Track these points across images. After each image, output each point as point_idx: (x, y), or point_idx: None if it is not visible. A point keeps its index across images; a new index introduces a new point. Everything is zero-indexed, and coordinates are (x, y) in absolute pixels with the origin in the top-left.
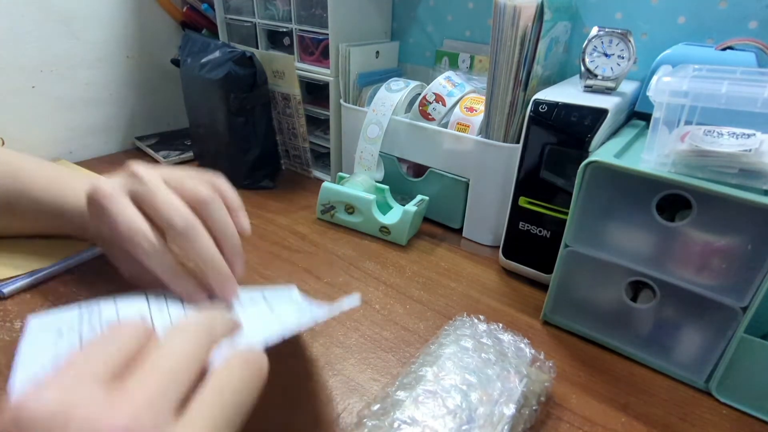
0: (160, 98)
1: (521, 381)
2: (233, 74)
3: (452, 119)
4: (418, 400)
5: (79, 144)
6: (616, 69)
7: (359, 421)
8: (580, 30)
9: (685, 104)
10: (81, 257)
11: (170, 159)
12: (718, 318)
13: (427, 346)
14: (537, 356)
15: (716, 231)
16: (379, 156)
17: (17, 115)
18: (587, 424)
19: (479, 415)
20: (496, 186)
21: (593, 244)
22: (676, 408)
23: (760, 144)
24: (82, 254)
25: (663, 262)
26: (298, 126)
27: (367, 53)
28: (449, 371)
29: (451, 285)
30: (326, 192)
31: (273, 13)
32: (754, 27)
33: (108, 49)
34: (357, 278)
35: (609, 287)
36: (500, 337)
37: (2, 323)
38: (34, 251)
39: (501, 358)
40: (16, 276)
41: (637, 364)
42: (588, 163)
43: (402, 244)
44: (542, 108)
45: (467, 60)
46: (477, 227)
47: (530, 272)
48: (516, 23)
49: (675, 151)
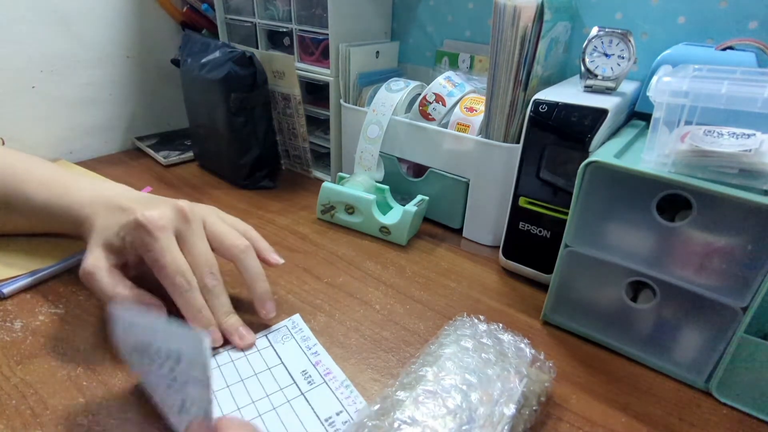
0: (160, 98)
1: (521, 381)
2: (233, 74)
3: (452, 119)
4: (419, 400)
5: (79, 144)
6: (616, 69)
7: (360, 421)
8: (580, 30)
9: (685, 104)
10: (81, 257)
11: (170, 159)
12: (718, 318)
13: (427, 346)
14: (537, 356)
15: (716, 231)
16: (379, 156)
17: (17, 115)
18: (587, 425)
19: (479, 415)
20: (496, 186)
21: (593, 244)
22: (676, 408)
23: (760, 144)
24: (81, 254)
25: (663, 262)
26: (298, 126)
27: (367, 53)
28: (449, 371)
29: (451, 285)
30: (326, 192)
31: (273, 13)
32: (754, 27)
33: (108, 49)
34: (357, 278)
35: (609, 287)
36: (500, 337)
37: (2, 323)
38: (34, 251)
39: (501, 359)
40: (16, 276)
41: (637, 364)
42: (588, 163)
43: (402, 244)
44: (542, 108)
45: (467, 60)
46: (477, 227)
47: (530, 272)
48: (516, 23)
49: (675, 151)
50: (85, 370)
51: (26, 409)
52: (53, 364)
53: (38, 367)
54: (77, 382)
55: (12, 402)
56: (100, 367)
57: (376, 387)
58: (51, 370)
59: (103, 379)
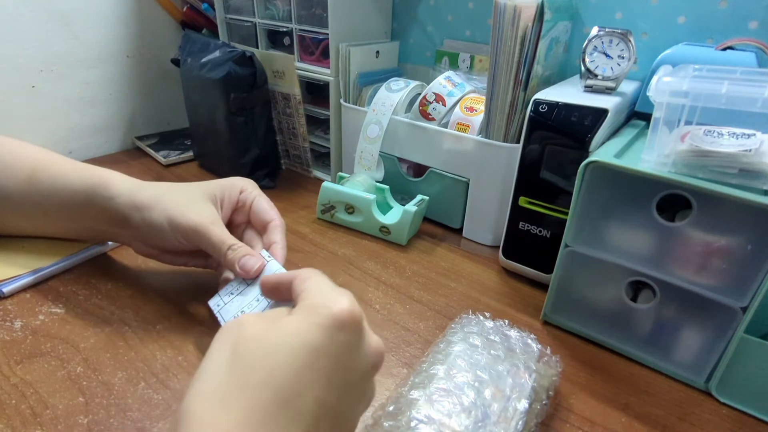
0: (160, 98)
1: (531, 376)
2: (233, 74)
3: (452, 119)
4: (433, 398)
5: (79, 144)
6: (616, 69)
7: (375, 422)
8: (581, 30)
9: (686, 104)
10: (81, 257)
11: (170, 159)
12: (718, 318)
13: (435, 345)
14: (544, 351)
15: (716, 231)
16: (379, 156)
17: (17, 114)
18: (587, 424)
19: (493, 411)
20: (496, 186)
21: (593, 244)
22: (676, 408)
23: (760, 144)
24: (82, 253)
25: (663, 262)
26: (298, 126)
27: (367, 53)
28: (461, 369)
29: (451, 285)
30: (326, 192)
31: (273, 13)
32: (754, 27)
33: (108, 49)
34: (357, 278)
35: (609, 287)
36: (507, 333)
37: (2, 323)
38: (34, 250)
39: (510, 355)
40: (16, 276)
41: (638, 364)
42: (588, 163)
43: (402, 244)
44: (542, 108)
45: (467, 60)
46: (477, 227)
47: (530, 272)
48: (516, 23)
49: (675, 151)
50: (85, 370)
51: (26, 409)
52: (53, 364)
53: (38, 367)
54: (77, 382)
55: (12, 402)
56: (100, 367)
57: (377, 387)
58: (51, 370)
59: (103, 379)
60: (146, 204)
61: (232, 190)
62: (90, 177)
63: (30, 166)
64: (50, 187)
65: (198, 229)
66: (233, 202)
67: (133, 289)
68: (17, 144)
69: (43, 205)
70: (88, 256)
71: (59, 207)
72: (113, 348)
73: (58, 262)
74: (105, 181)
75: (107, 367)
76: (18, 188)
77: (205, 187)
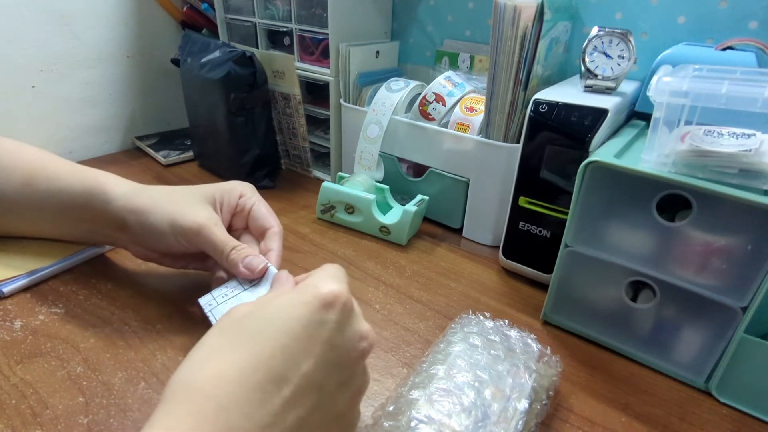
0: (160, 98)
1: (531, 376)
2: (233, 74)
3: (452, 119)
4: (433, 398)
5: (79, 144)
6: (616, 69)
7: (375, 422)
8: (580, 30)
9: (685, 104)
10: (80, 257)
11: (170, 159)
12: (718, 318)
13: (435, 345)
14: (544, 351)
15: (716, 231)
16: (379, 156)
17: (17, 114)
18: (587, 424)
19: (493, 411)
20: (496, 186)
21: (593, 244)
22: (676, 408)
23: (760, 144)
24: (81, 254)
25: (663, 262)
26: (298, 126)
27: (367, 53)
28: (460, 369)
29: (451, 285)
30: (326, 192)
31: (273, 13)
32: (754, 27)
33: (108, 49)
34: (357, 278)
35: (609, 287)
36: (507, 333)
37: (2, 323)
38: (34, 251)
39: (510, 355)
40: (16, 276)
41: (637, 364)
42: (588, 163)
43: (402, 244)
44: (542, 108)
45: (467, 60)
46: (477, 227)
47: (530, 272)
48: (516, 23)
49: (675, 151)
50: (85, 370)
51: (26, 409)
52: (53, 364)
53: (38, 367)
54: (77, 382)
55: (12, 402)
56: (100, 367)
57: (377, 387)
58: (51, 370)
59: (103, 379)
60: (144, 208)
61: (231, 194)
62: (86, 180)
63: (27, 169)
64: (47, 190)
65: (201, 230)
66: (232, 206)
67: (133, 289)
68: (14, 145)
69: (40, 207)
70: (86, 257)
71: (56, 210)
72: (113, 348)
73: (58, 262)
74: (101, 184)
75: (107, 367)
76: (15, 191)
77: (204, 190)
